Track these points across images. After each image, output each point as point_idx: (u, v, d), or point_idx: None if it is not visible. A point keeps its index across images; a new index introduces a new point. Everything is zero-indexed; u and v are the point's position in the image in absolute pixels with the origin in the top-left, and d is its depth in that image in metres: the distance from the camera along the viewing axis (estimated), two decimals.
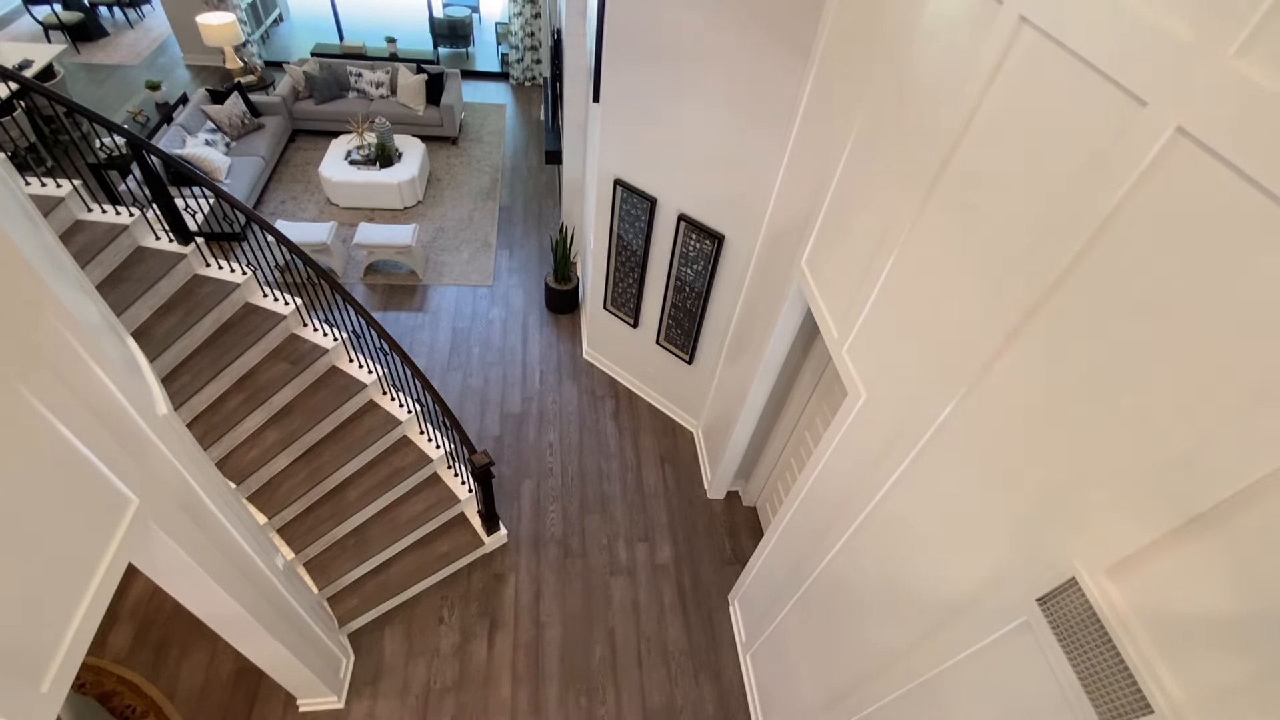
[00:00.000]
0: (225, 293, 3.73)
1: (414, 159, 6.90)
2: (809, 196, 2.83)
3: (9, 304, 1.29)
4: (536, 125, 8.56)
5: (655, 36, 3.18)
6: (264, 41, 9.45)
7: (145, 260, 3.61)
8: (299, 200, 6.79)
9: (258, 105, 7.18)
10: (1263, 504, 1.00)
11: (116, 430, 1.62)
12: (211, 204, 4.90)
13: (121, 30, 9.46)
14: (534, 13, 8.58)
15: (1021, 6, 1.45)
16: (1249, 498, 1.01)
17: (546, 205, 7.17)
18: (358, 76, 7.70)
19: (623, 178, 3.91)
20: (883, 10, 2.14)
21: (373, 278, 5.99)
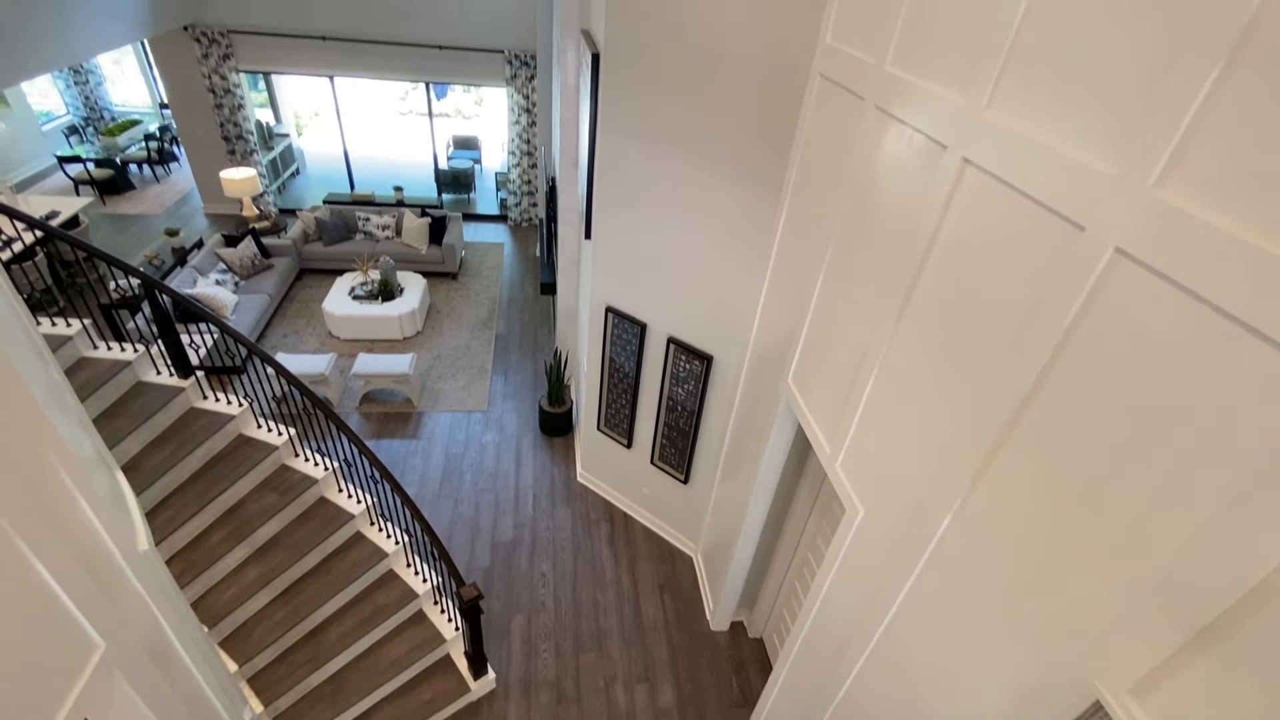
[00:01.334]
0: (219, 424, 3.75)
1: (415, 293, 7.22)
2: (791, 317, 2.97)
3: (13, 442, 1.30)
4: (532, 261, 9.07)
5: (639, 181, 3.49)
6: (280, 191, 10.22)
7: (144, 394, 3.66)
8: (300, 334, 7.00)
9: (269, 248, 7.63)
10: (1266, 610, 0.97)
11: (94, 568, 1.56)
12: (215, 339, 5.04)
13: (148, 184, 10.25)
14: (530, 164, 9.41)
15: (964, 150, 1.63)
16: (1251, 604, 0.99)
17: (541, 333, 7.41)
18: (366, 220, 8.26)
19: (614, 305, 4.10)
20: (844, 154, 2.39)
21: (368, 406, 6.04)
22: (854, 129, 2.26)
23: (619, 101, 3.33)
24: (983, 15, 1.58)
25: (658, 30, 3.02)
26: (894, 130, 2.00)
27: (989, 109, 1.55)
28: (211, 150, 8.83)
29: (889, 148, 2.03)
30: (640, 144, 3.38)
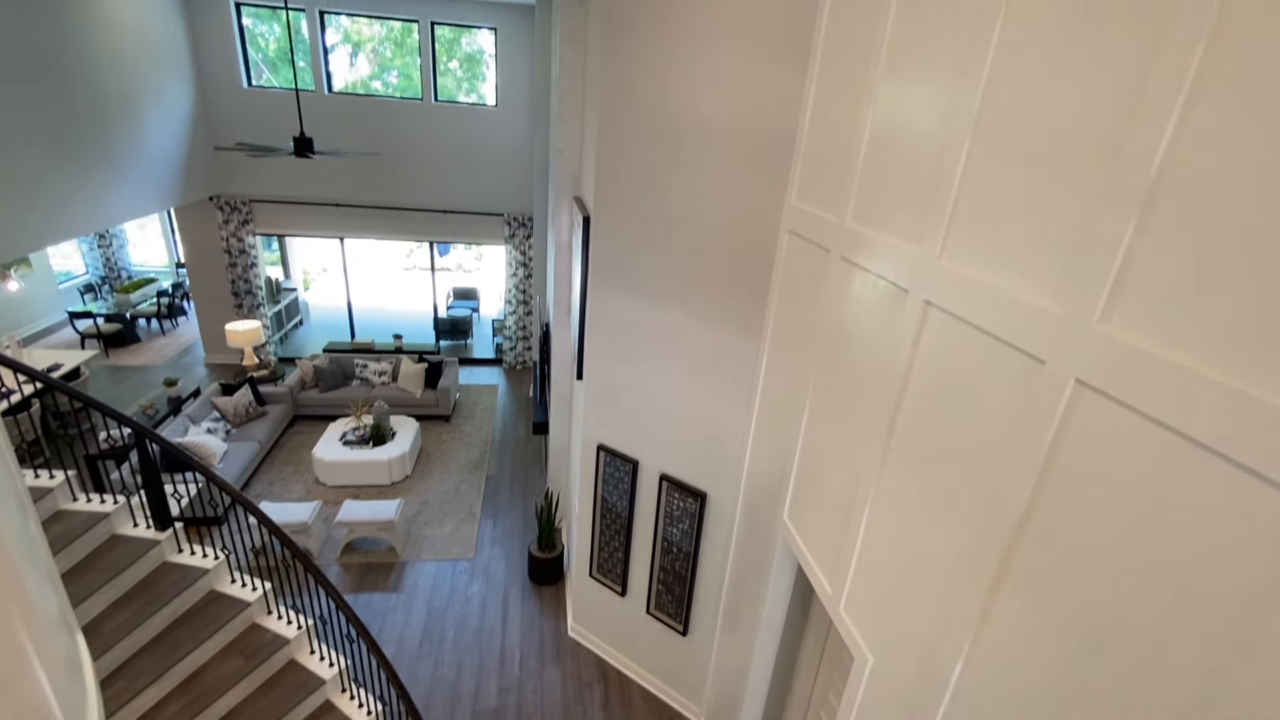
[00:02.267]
0: (192, 579, 3.56)
1: (406, 437, 7.22)
2: (781, 451, 3.00)
3: None
4: (525, 402, 9.19)
5: (628, 326, 3.67)
6: (282, 341, 10.55)
7: (117, 548, 3.51)
8: (287, 482, 6.87)
9: (265, 395, 7.72)
10: None
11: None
12: (199, 488, 4.95)
13: (154, 337, 10.57)
14: (526, 311, 9.89)
15: (924, 294, 1.77)
16: None
17: (533, 473, 7.32)
18: (363, 367, 8.47)
19: (606, 443, 4.12)
20: (816, 299, 2.56)
21: (349, 557, 5.77)
22: (823, 277, 2.45)
23: (607, 257, 3.61)
24: (924, 180, 1.80)
25: (641, 196, 3.35)
26: (859, 277, 2.17)
27: (941, 258, 1.71)
28: (220, 304, 9.24)
29: (856, 292, 2.20)
30: (627, 293, 3.61)
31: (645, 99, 3.16)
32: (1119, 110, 1.22)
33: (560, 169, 4.84)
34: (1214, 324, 1.04)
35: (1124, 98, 1.21)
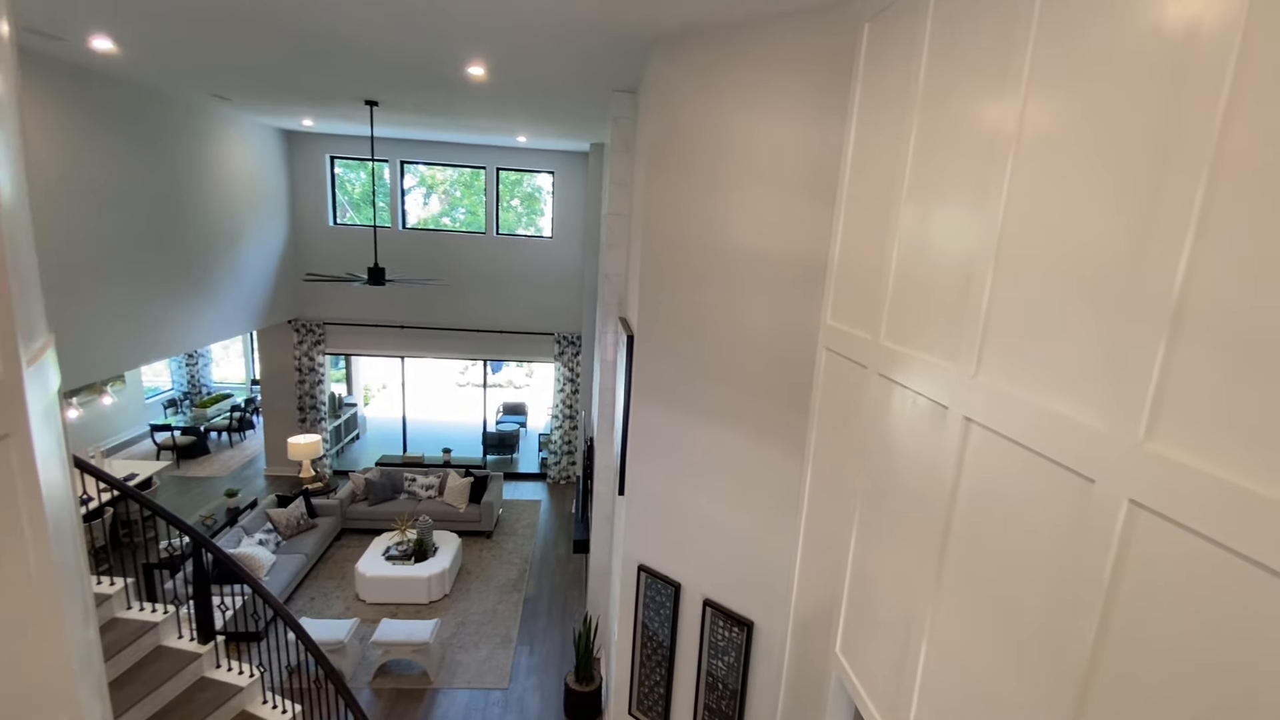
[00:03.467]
0: (225, 698, 3.50)
1: (447, 553, 7.16)
2: (830, 577, 2.85)
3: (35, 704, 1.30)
4: (567, 518, 9.07)
5: (670, 441, 3.70)
6: (339, 455, 10.93)
7: (160, 660, 3.52)
8: (329, 597, 6.83)
9: (317, 507, 7.90)
10: None
11: None
12: (245, 600, 4.98)
13: (223, 449, 11.13)
14: (572, 426, 10.03)
15: (964, 410, 1.76)
16: None
17: (572, 596, 7.06)
18: (412, 480, 8.63)
19: (646, 563, 4.00)
20: (857, 416, 2.56)
21: (382, 680, 5.56)
22: (862, 393, 2.47)
23: (649, 373, 3.72)
24: (953, 299, 1.85)
25: (681, 316, 3.51)
26: (898, 394, 2.18)
27: (978, 375, 1.72)
28: (286, 419, 9.76)
29: (897, 409, 2.19)
30: (669, 408, 3.67)
31: (684, 229, 3.41)
32: (1135, 230, 1.27)
33: (607, 292, 5.13)
34: (1252, 437, 1.01)
35: (1138, 219, 1.26)
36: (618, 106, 4.76)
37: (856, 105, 2.71)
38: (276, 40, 3.96)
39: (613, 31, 3.30)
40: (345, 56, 4.26)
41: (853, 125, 2.74)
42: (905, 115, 2.23)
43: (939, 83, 2.05)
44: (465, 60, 4.16)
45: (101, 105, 5.31)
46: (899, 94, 2.29)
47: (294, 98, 6.08)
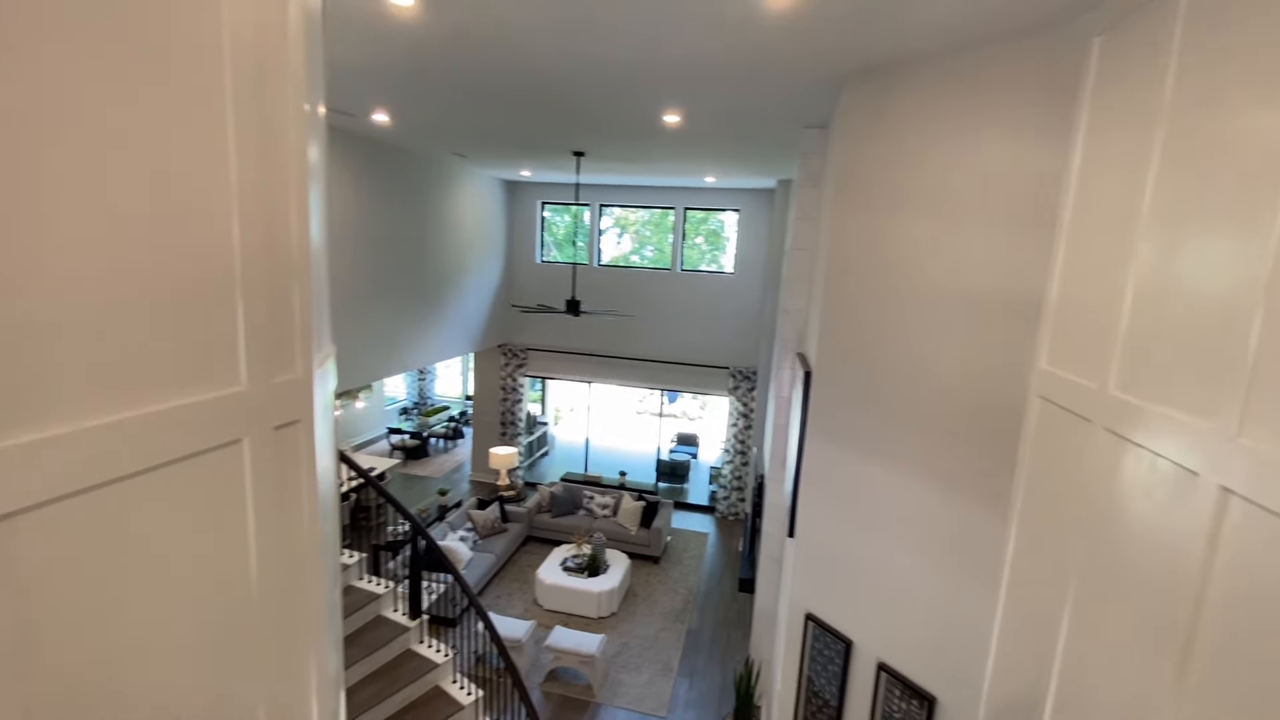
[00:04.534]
0: (424, 670, 3.99)
1: (617, 572, 7.44)
2: (1035, 662, 2.46)
3: (289, 652, 1.63)
4: (734, 555, 8.92)
5: (846, 486, 3.50)
6: (530, 468, 11.99)
7: (379, 628, 4.13)
8: (511, 597, 7.46)
9: (509, 513, 8.73)
10: None
11: None
12: (446, 588, 5.66)
13: (439, 454, 12.83)
14: (743, 461, 9.92)
15: (1220, 478, 1.45)
16: None
17: (735, 636, 6.89)
18: (590, 499, 9.16)
19: (815, 613, 3.79)
20: (1076, 476, 2.21)
21: (551, 685, 5.91)
22: (1084, 450, 2.13)
23: (827, 412, 3.58)
24: (1209, 344, 1.55)
25: (865, 353, 3.35)
26: (1131, 454, 1.85)
27: (1241, 437, 1.41)
28: (490, 431, 10.99)
29: (1128, 472, 1.86)
30: (848, 450, 3.49)
31: (872, 263, 3.27)
32: None
33: (785, 327, 5.06)
34: None
35: None
36: (807, 142, 4.75)
37: (1083, 126, 2.41)
38: (508, 107, 4.63)
39: (812, 68, 3.33)
40: (560, 114, 4.82)
41: (1078, 149, 2.44)
42: (1146, 135, 1.94)
43: (1192, 96, 1.76)
44: (662, 109, 4.47)
45: (373, 164, 6.61)
46: (1138, 112, 2.01)
47: (517, 152, 7.00)
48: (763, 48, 3.04)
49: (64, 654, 1.23)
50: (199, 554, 1.44)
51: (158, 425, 1.32)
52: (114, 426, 1.27)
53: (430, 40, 3.24)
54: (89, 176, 1.17)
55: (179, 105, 1.31)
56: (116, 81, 1.27)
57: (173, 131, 1.29)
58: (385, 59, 3.64)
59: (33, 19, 1.11)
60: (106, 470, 1.24)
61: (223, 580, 1.51)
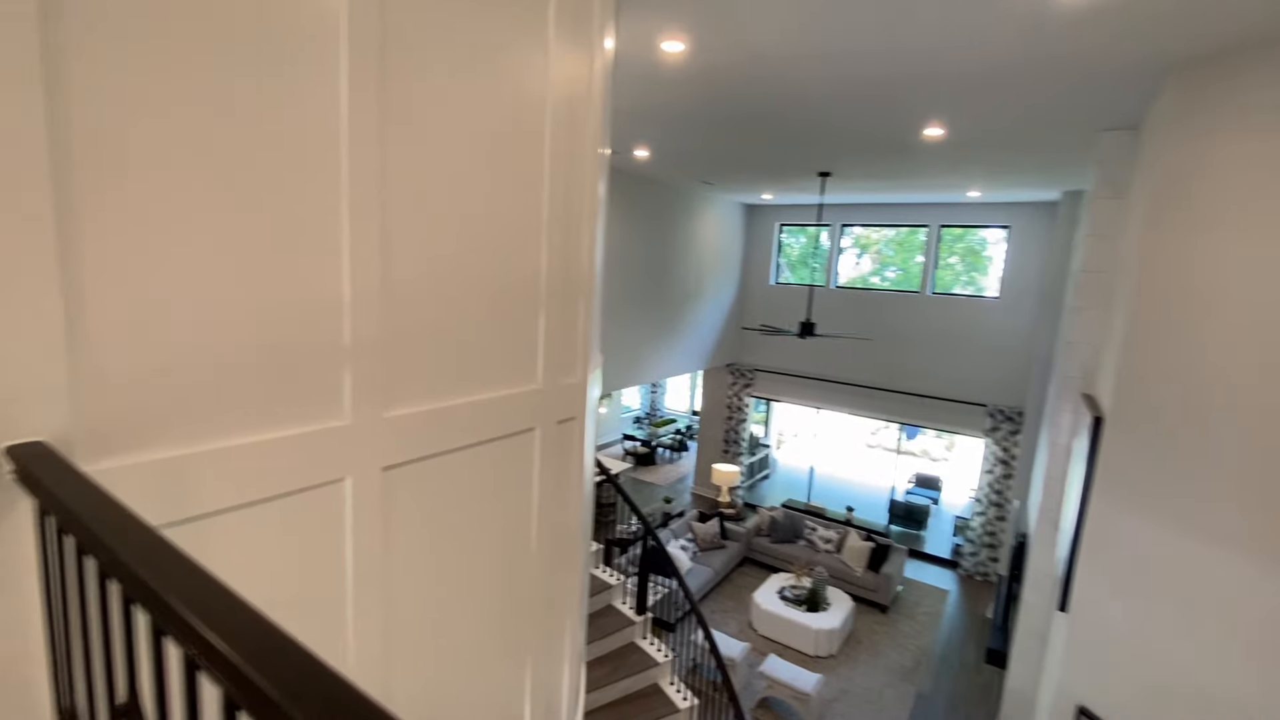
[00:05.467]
0: (645, 666, 4.23)
1: (839, 613, 7.02)
2: None
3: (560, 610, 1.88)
4: (980, 621, 7.79)
5: (1142, 560, 2.85)
6: (749, 489, 11.97)
7: (608, 616, 4.50)
8: (726, 615, 7.51)
9: (728, 530, 8.82)
10: None
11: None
12: (666, 593, 5.93)
13: (665, 463, 13.51)
14: (998, 515, 8.63)
15: None
16: None
17: (977, 715, 6.00)
18: (812, 530, 8.81)
19: (1090, 708, 3.14)
20: None
21: (761, 713, 5.80)
22: None
23: (1123, 467, 2.97)
24: None
25: (1181, 401, 2.71)
26: None
27: None
28: (713, 448, 11.25)
29: None
30: (1149, 517, 2.85)
31: (1198, 289, 2.65)
32: None
33: (1068, 362, 4.32)
34: None
35: None
36: (1106, 147, 4.03)
37: None
38: (759, 134, 4.78)
39: (1122, 60, 2.86)
40: (810, 136, 4.82)
41: None
42: None
43: None
44: (923, 123, 4.20)
45: (626, 194, 7.29)
46: None
47: (761, 177, 7.14)
48: (1058, 42, 2.69)
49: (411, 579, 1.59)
50: (497, 518, 1.76)
51: (485, 411, 1.65)
52: (474, 405, 1.62)
53: (692, 78, 3.50)
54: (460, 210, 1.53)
55: (515, 151, 1.64)
56: (482, 138, 1.64)
57: (504, 173, 1.62)
58: (651, 99, 4.02)
59: (436, 109, 1.48)
60: (459, 438, 1.59)
61: (511, 542, 1.82)
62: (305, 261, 1.21)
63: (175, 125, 1.02)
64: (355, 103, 1.24)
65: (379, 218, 1.32)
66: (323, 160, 1.22)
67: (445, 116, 1.43)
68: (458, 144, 1.47)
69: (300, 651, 0.49)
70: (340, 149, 1.23)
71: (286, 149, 1.16)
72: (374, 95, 1.27)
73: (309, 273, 1.22)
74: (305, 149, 1.19)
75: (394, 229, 1.35)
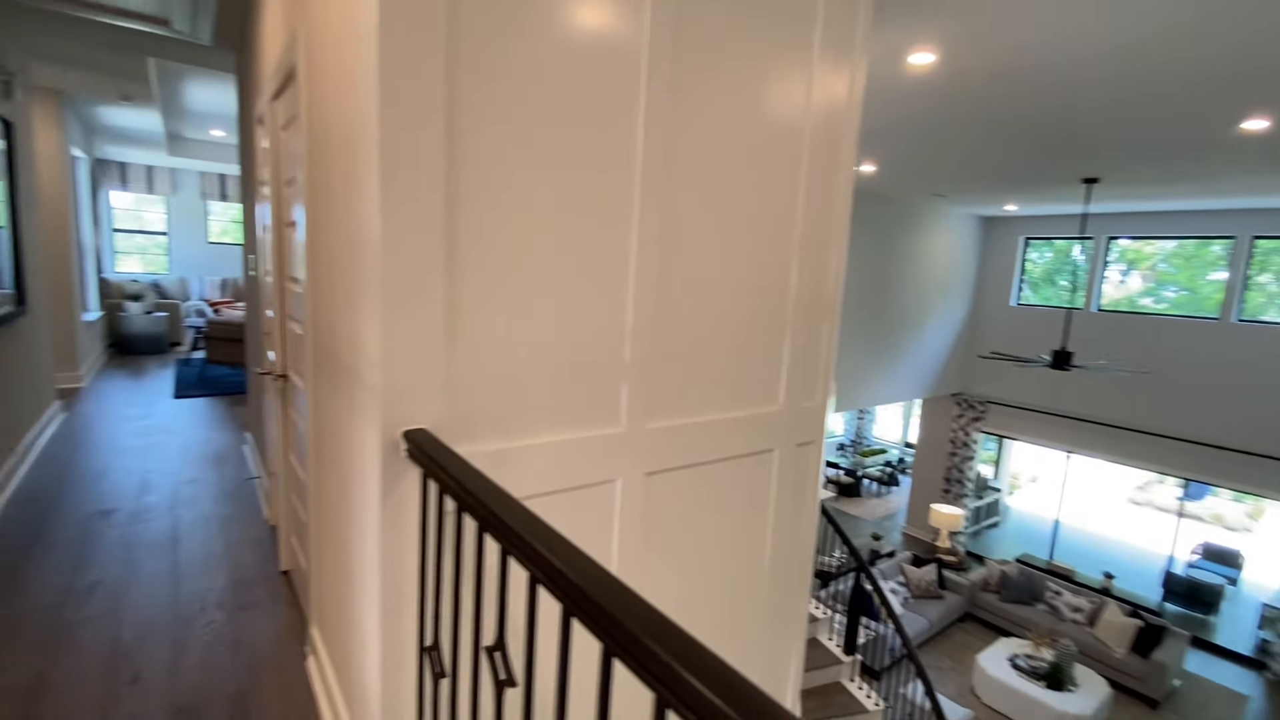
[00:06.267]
0: (852, 711, 3.99)
1: (1091, 698, 5.89)
2: None
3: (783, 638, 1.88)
4: None
5: None
6: (973, 536, 10.64)
7: (814, 649, 4.33)
8: (943, 673, 6.74)
9: (947, 580, 7.93)
10: None
11: None
12: (874, 636, 5.53)
13: (871, 496, 12.62)
14: None
15: None
16: None
17: None
18: (1056, 594, 7.54)
19: None
20: None
21: None
22: None
23: None
24: None
25: None
26: None
27: None
28: (930, 486, 10.23)
29: None
30: None
31: None
32: None
33: None
34: None
35: None
36: None
37: None
38: (1011, 139, 4.32)
39: None
40: (1076, 139, 4.22)
41: None
42: None
43: None
44: (1241, 114, 3.44)
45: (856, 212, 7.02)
46: None
47: (1008, 187, 6.41)
48: None
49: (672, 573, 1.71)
50: (734, 533, 1.83)
51: (730, 428, 1.73)
52: (720, 423, 1.72)
53: (938, 89, 3.30)
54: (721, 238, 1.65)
55: (773, 174, 1.71)
56: (745, 166, 1.73)
57: (762, 197, 1.70)
58: (888, 113, 3.86)
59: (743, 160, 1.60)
60: (704, 453, 1.69)
61: (745, 559, 1.87)
62: (603, 294, 1.41)
63: (517, 193, 1.27)
64: (648, 159, 1.41)
65: (658, 253, 1.47)
66: (621, 210, 1.41)
67: (714, 152, 1.55)
68: (723, 177, 1.59)
69: (650, 609, 0.59)
70: (634, 199, 1.42)
71: (596, 205, 1.37)
72: (662, 150, 1.44)
73: (604, 303, 1.41)
74: (609, 203, 1.39)
75: (667, 262, 1.50)
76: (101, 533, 2.77)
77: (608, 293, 1.42)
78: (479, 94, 1.19)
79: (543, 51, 1.24)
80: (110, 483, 3.35)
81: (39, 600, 2.23)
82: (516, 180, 1.26)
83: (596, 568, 0.72)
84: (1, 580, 2.35)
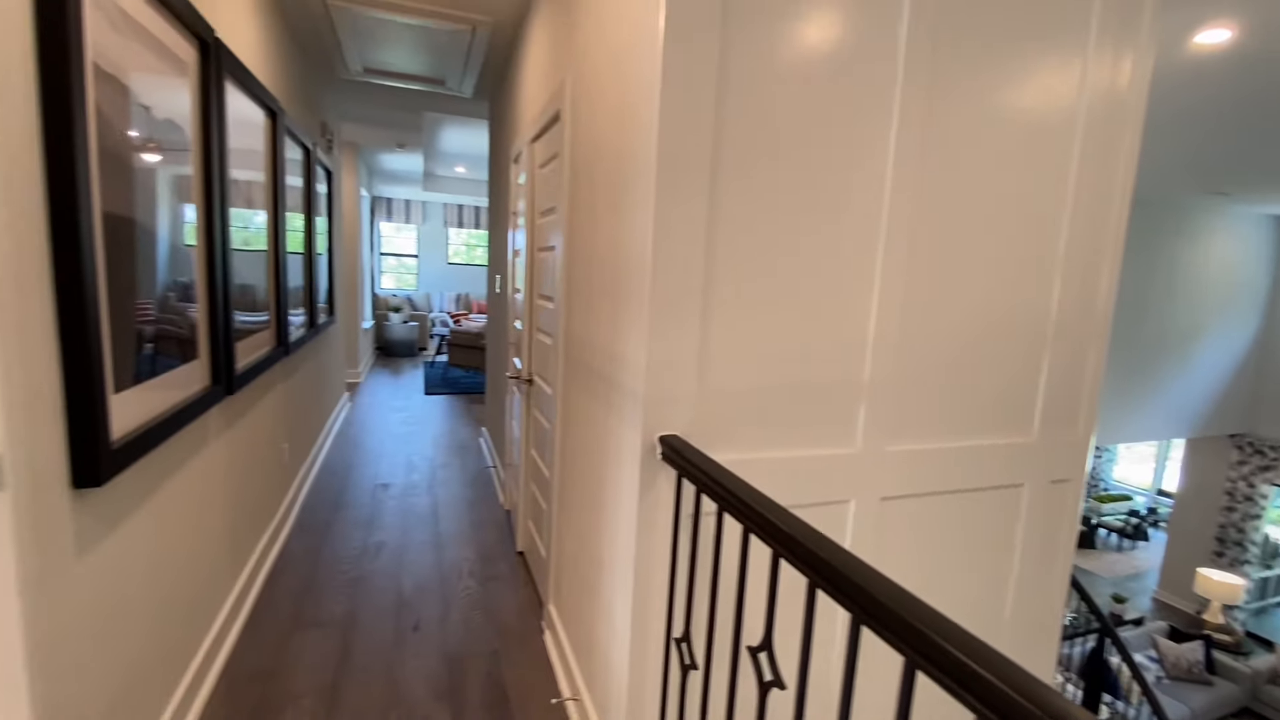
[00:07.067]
0: None
1: None
2: None
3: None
4: None
5: None
6: (1258, 614, 8.48)
7: None
8: None
9: (1217, 663, 6.43)
10: None
11: None
12: (1113, 716, 4.66)
13: (1109, 550, 10.68)
14: None
15: None
16: None
17: None
18: None
19: None
20: None
21: None
22: None
23: None
24: None
25: None
26: None
27: None
28: (1195, 545, 8.37)
29: None
30: None
31: None
32: None
33: None
34: None
35: None
36: None
37: None
38: None
39: None
40: None
41: None
42: None
43: None
44: None
45: None
46: None
47: None
48: None
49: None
50: (972, 575, 1.69)
51: (973, 458, 1.62)
52: (962, 450, 1.63)
53: (1230, 69, 2.75)
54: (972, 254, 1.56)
55: (1035, 182, 1.58)
56: (1004, 175, 1.63)
57: (1021, 208, 1.57)
58: (1163, 103, 3.31)
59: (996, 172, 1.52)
60: (943, 482, 1.61)
61: (983, 606, 1.72)
62: (845, 314, 1.41)
63: (765, 213, 1.33)
64: (898, 168, 1.40)
65: (905, 271, 1.44)
66: (867, 228, 1.40)
67: (968, 157, 1.48)
68: (978, 189, 1.50)
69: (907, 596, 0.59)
70: (881, 216, 1.40)
71: (842, 224, 1.38)
72: (914, 157, 1.41)
73: (844, 320, 1.42)
74: (855, 222, 1.39)
75: (914, 280, 1.46)
76: (383, 501, 3.39)
77: (850, 312, 1.42)
78: (736, 127, 1.27)
79: (793, 82, 1.30)
80: (387, 461, 4.09)
81: (346, 551, 2.80)
82: (766, 201, 1.32)
83: (884, 579, 0.74)
84: (322, 530, 3.00)
